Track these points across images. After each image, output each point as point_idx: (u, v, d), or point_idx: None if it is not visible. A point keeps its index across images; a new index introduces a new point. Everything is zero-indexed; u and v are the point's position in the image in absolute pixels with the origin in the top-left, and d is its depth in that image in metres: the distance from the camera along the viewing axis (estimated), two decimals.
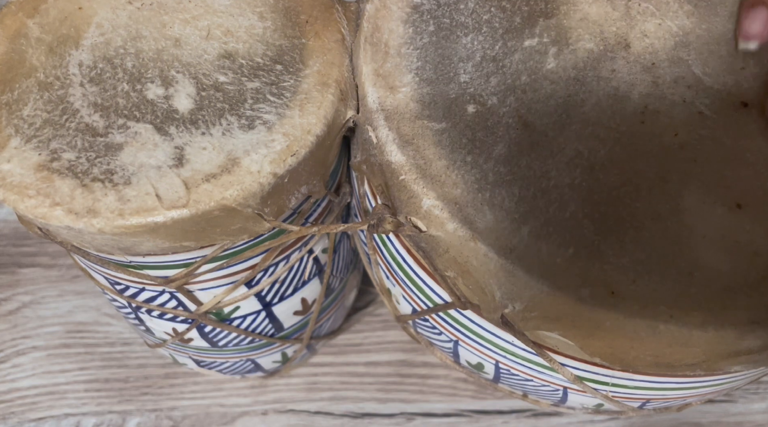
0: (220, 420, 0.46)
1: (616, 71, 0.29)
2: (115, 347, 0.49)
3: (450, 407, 0.46)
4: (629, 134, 0.27)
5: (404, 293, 0.33)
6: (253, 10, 0.31)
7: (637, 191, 0.26)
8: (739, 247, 0.25)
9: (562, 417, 0.45)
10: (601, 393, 0.30)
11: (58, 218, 0.26)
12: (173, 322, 0.36)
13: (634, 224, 0.25)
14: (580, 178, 0.26)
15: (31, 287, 0.51)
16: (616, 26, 0.30)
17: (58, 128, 0.27)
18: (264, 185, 0.27)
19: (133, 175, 0.26)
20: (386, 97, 0.28)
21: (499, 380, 0.35)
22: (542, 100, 0.28)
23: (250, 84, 0.29)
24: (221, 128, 0.28)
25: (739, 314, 0.24)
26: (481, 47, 0.29)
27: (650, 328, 0.24)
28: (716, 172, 0.26)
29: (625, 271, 0.25)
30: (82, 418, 0.46)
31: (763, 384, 0.47)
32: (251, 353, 0.41)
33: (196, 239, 0.28)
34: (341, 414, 0.46)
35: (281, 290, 0.36)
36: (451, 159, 0.27)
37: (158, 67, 0.29)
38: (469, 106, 0.28)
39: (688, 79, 0.28)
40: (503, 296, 0.25)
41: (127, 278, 0.32)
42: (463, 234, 0.25)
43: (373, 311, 0.50)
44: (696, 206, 0.26)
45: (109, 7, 0.31)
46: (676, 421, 0.45)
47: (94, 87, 0.29)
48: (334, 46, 0.30)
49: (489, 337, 0.30)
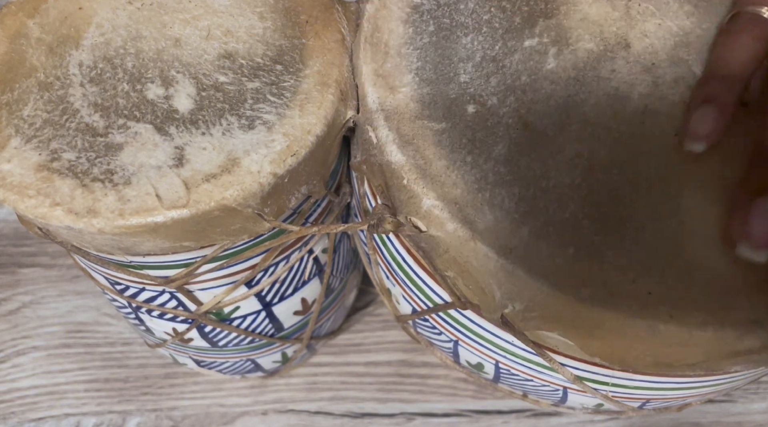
0: (220, 420, 0.46)
1: (616, 71, 0.29)
2: (115, 347, 0.49)
3: (450, 407, 0.46)
4: (629, 134, 0.27)
5: (404, 293, 0.33)
6: (253, 10, 0.31)
7: (637, 191, 0.26)
8: None
9: (562, 417, 0.45)
10: (601, 393, 0.30)
11: (58, 218, 0.26)
12: (173, 322, 0.36)
13: (634, 224, 0.25)
14: (580, 179, 0.26)
15: (31, 287, 0.51)
16: (616, 26, 0.30)
17: (58, 128, 0.27)
18: (264, 185, 0.27)
19: (133, 175, 0.26)
20: (386, 97, 0.28)
21: (499, 380, 0.35)
22: (542, 100, 0.28)
23: (250, 84, 0.29)
24: (221, 128, 0.28)
25: (739, 314, 0.24)
26: (481, 47, 0.29)
27: (650, 328, 0.24)
28: (716, 172, 0.26)
29: (625, 271, 0.25)
30: (82, 418, 0.46)
31: (763, 384, 0.47)
32: (251, 353, 0.41)
33: (196, 239, 0.28)
34: (341, 414, 0.46)
35: (281, 290, 0.36)
36: (451, 159, 0.27)
37: (158, 67, 0.29)
38: (469, 106, 0.28)
39: (688, 79, 0.28)
40: (503, 296, 0.25)
41: (127, 278, 0.32)
42: (463, 234, 0.25)
43: (373, 311, 0.50)
44: (696, 206, 0.26)
45: (109, 7, 0.31)
46: (676, 421, 0.45)
47: (94, 87, 0.29)
48: (334, 46, 0.30)
49: (489, 337, 0.30)
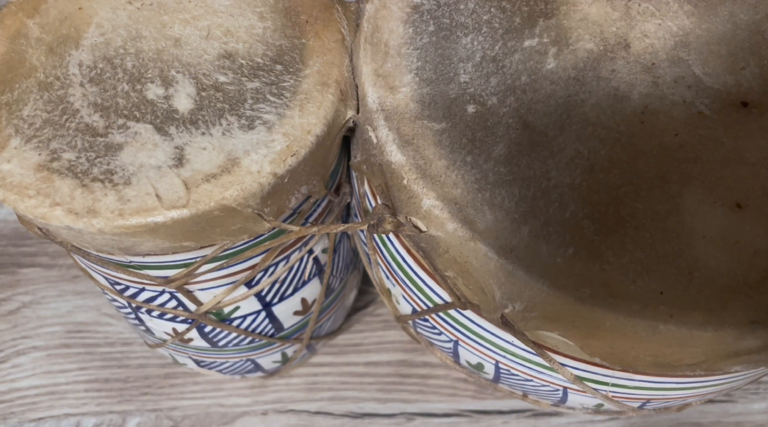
0: (220, 420, 0.46)
1: (616, 71, 0.29)
2: (115, 347, 0.49)
3: (450, 407, 0.46)
4: (629, 134, 0.27)
5: (404, 293, 0.33)
6: (253, 10, 0.31)
7: (637, 191, 0.26)
8: (739, 247, 0.25)
9: (562, 417, 0.45)
10: (601, 393, 0.30)
11: (58, 218, 0.26)
12: (173, 322, 0.36)
13: (634, 224, 0.25)
14: (580, 179, 0.26)
15: (31, 287, 0.51)
16: (616, 26, 0.30)
17: (58, 128, 0.27)
18: (264, 185, 0.27)
19: (133, 175, 0.26)
20: (386, 97, 0.28)
21: (499, 380, 0.35)
22: (542, 100, 0.28)
23: (250, 84, 0.29)
24: (221, 128, 0.28)
25: (739, 314, 0.24)
26: (481, 47, 0.29)
27: (650, 328, 0.24)
28: (716, 172, 0.26)
29: (625, 271, 0.24)
30: (82, 418, 0.46)
31: (763, 384, 0.47)
32: (251, 353, 0.41)
33: (196, 239, 0.28)
34: (341, 414, 0.46)
35: (281, 290, 0.36)
36: (451, 159, 0.27)
37: (158, 67, 0.29)
38: (469, 106, 0.28)
39: (688, 79, 0.28)
40: (503, 296, 0.25)
41: (127, 278, 0.32)
42: (463, 234, 0.25)
43: (373, 311, 0.50)
44: (696, 206, 0.26)
45: (109, 7, 0.31)
46: (676, 421, 0.45)
47: (94, 87, 0.29)
48: (334, 46, 0.30)
49: (489, 337, 0.30)
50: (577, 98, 0.28)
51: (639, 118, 0.28)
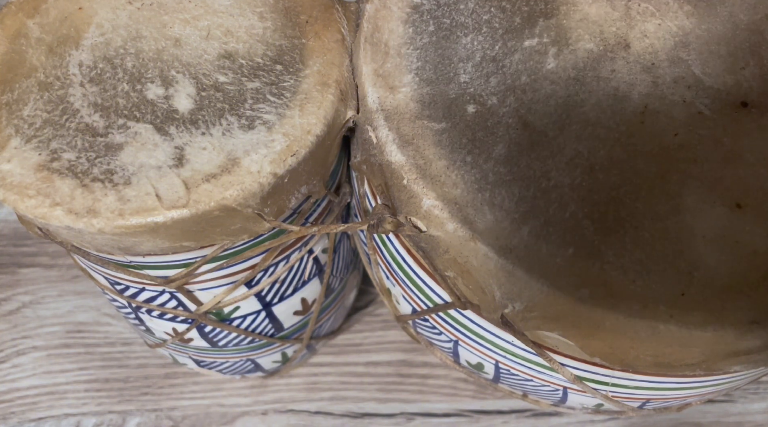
0: (220, 420, 0.46)
1: (615, 71, 0.29)
2: (115, 347, 0.49)
3: (450, 407, 0.46)
4: (629, 134, 0.27)
5: (404, 293, 0.33)
6: (253, 10, 0.31)
7: (637, 191, 0.26)
8: (739, 247, 0.25)
9: (562, 417, 0.45)
10: (601, 393, 0.30)
11: (58, 218, 0.26)
12: (173, 322, 0.36)
13: (634, 224, 0.25)
14: (580, 179, 0.26)
15: (31, 287, 0.51)
16: (616, 26, 0.30)
17: (58, 128, 0.27)
18: (264, 185, 0.27)
19: (133, 175, 0.26)
20: (386, 97, 0.28)
21: (499, 380, 0.35)
22: (542, 100, 0.28)
23: (250, 84, 0.29)
24: (221, 128, 0.28)
25: (739, 314, 0.24)
26: (481, 47, 0.29)
27: (650, 328, 0.24)
28: (716, 172, 0.26)
29: (625, 271, 0.25)
30: (82, 418, 0.46)
31: (763, 384, 0.47)
32: (251, 353, 0.41)
33: (196, 239, 0.28)
34: (341, 414, 0.46)
35: (281, 290, 0.36)
36: (451, 159, 0.27)
37: (158, 67, 0.29)
38: (469, 106, 0.28)
39: (688, 79, 0.28)
40: (503, 296, 0.25)
41: (127, 278, 0.32)
42: (463, 234, 0.25)
43: (373, 311, 0.50)
44: (696, 206, 0.26)
45: (109, 7, 0.31)
46: (676, 421, 0.45)
47: (94, 87, 0.29)
48: (334, 46, 0.30)
49: (489, 337, 0.30)
50: (577, 98, 0.28)
51: (639, 118, 0.28)
